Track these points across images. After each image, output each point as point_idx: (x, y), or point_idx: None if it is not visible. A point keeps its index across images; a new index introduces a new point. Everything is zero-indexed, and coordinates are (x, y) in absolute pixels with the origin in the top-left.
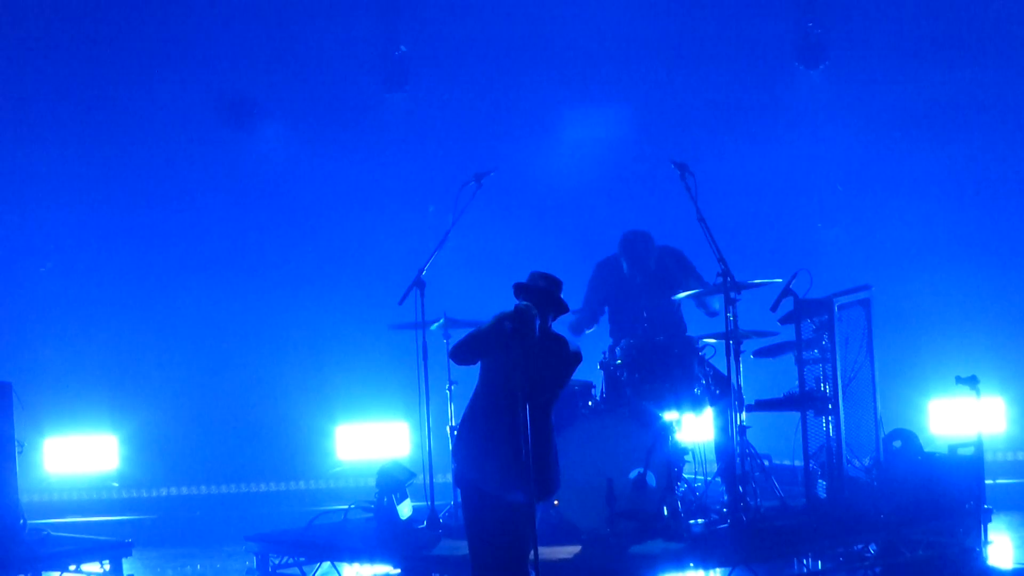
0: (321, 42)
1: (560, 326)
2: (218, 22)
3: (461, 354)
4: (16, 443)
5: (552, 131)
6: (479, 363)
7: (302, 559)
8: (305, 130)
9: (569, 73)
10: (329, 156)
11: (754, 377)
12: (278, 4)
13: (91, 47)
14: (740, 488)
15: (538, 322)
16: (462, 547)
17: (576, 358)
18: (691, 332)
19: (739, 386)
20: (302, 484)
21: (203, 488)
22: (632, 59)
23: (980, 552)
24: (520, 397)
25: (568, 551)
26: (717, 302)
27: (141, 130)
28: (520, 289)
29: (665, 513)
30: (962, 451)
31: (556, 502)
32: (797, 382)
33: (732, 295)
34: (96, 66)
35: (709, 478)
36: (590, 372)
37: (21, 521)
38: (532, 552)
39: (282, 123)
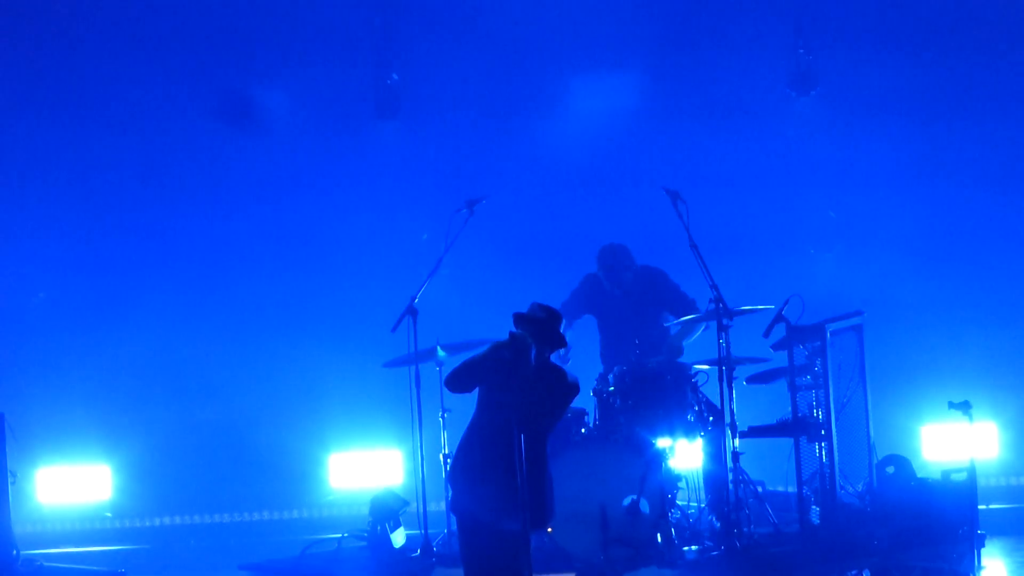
0: (313, 70)
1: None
2: (211, 47)
3: (456, 382)
4: (9, 473)
5: (544, 158)
6: (476, 391)
7: None
8: (297, 159)
9: (561, 101)
10: (322, 184)
11: (747, 404)
12: (269, 31)
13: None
14: (733, 515)
15: (534, 352)
16: (456, 575)
17: (573, 389)
18: (684, 358)
19: (732, 412)
20: (296, 513)
21: (196, 517)
22: (623, 87)
23: None
24: (515, 426)
25: None
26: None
27: (137, 156)
28: (519, 319)
29: (658, 540)
30: (955, 476)
31: (550, 529)
32: (790, 408)
33: (724, 321)
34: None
35: (703, 505)
36: (583, 399)
37: (15, 552)
38: None
39: (274, 152)
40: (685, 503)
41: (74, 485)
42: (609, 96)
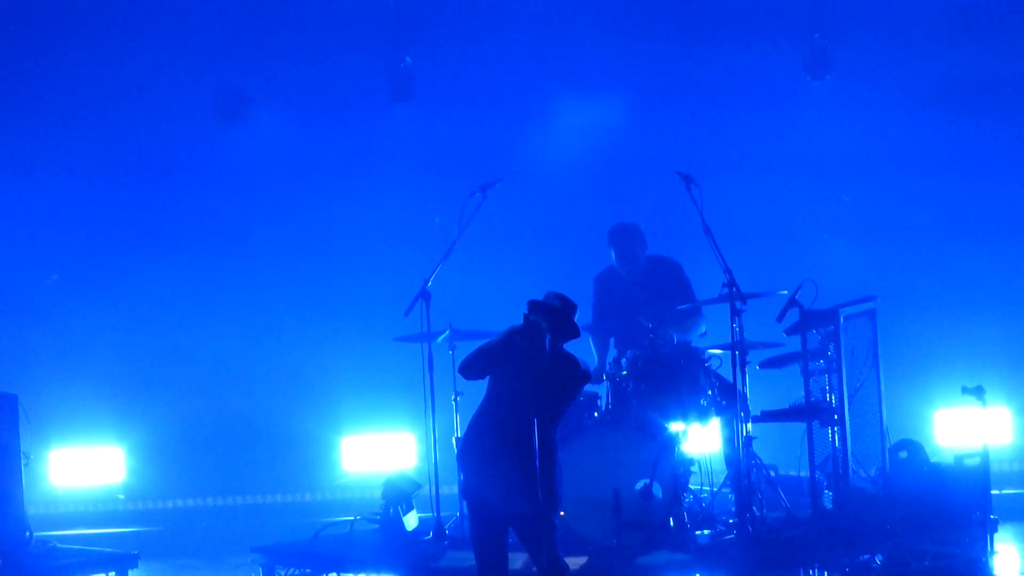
0: (327, 53)
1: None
2: (224, 29)
3: (470, 369)
4: (22, 455)
5: (559, 142)
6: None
7: (308, 570)
8: (311, 141)
9: (576, 85)
10: (335, 166)
11: (760, 388)
12: (285, 15)
13: (83, 57)
14: (746, 499)
15: (548, 338)
16: (468, 558)
17: (585, 376)
18: (699, 343)
19: (745, 397)
20: (308, 496)
21: (209, 500)
22: (637, 70)
23: (986, 563)
24: (530, 412)
25: (574, 562)
26: (704, 325)
27: (148, 143)
28: (535, 306)
29: (671, 524)
30: (968, 461)
31: (562, 513)
32: (803, 393)
33: (738, 306)
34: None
35: (715, 489)
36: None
37: (27, 533)
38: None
39: (288, 135)
40: (698, 487)
41: (87, 467)
42: (624, 79)
